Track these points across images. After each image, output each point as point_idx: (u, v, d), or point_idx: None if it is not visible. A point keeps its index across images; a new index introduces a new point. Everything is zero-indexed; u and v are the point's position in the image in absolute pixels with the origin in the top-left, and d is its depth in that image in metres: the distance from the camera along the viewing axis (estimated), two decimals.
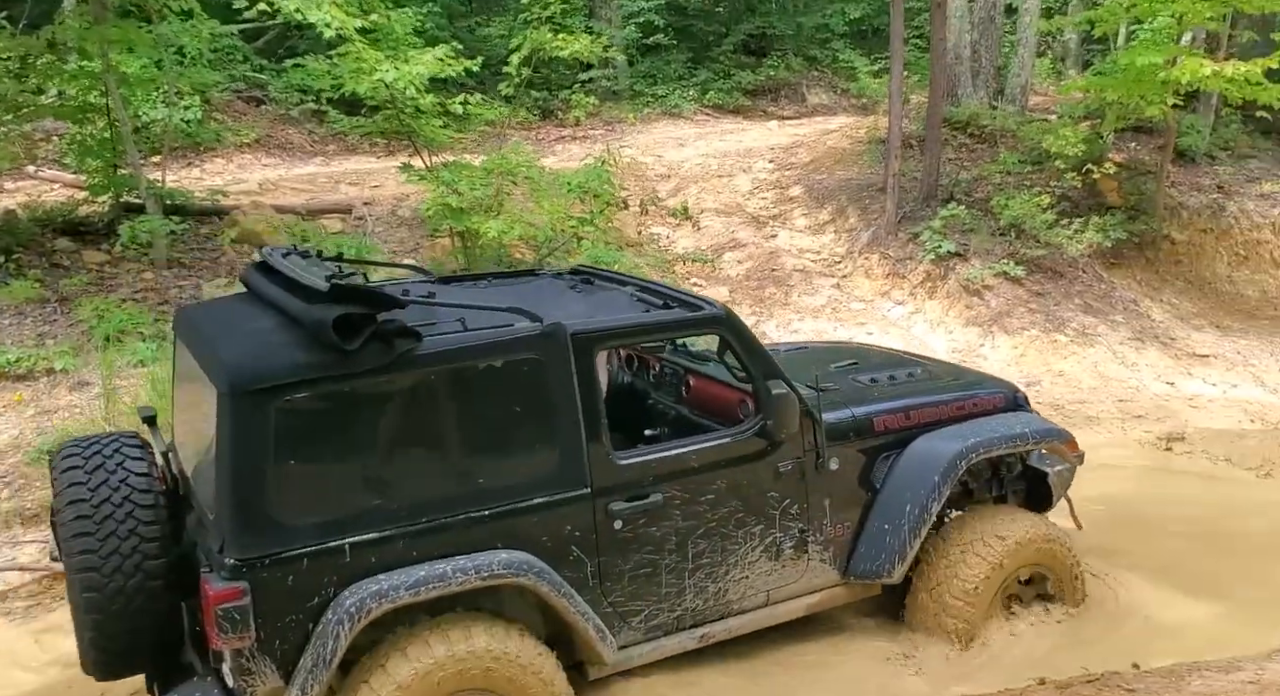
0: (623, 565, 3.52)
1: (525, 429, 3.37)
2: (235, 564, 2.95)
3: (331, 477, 3.11)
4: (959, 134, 12.10)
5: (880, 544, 3.93)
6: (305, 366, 3.05)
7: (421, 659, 3.14)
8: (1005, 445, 4.14)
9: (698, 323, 3.82)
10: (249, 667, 3.00)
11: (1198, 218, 11.07)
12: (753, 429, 3.73)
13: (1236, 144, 12.66)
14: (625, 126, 14.87)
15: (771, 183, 11.89)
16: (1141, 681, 3.19)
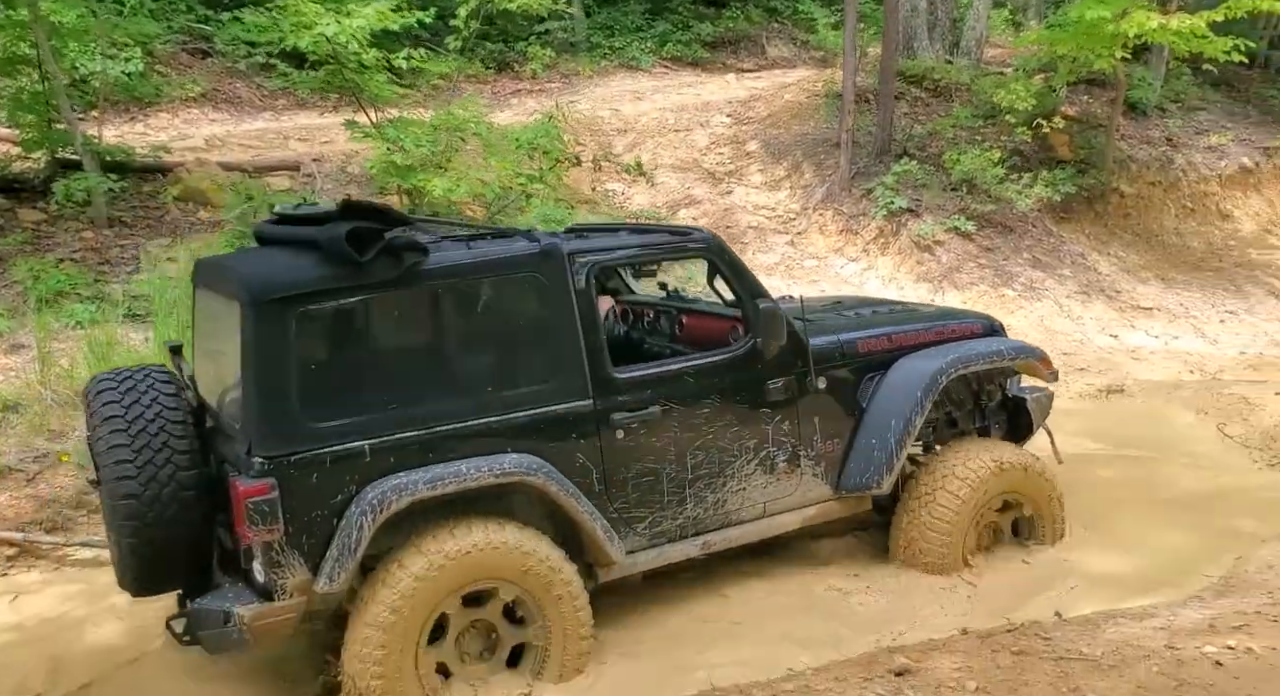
0: (626, 473, 3.74)
1: (529, 342, 3.60)
2: (262, 462, 3.15)
3: (349, 384, 3.30)
4: (914, 88, 12.08)
5: (869, 458, 4.14)
6: (320, 278, 3.27)
7: (445, 547, 3.32)
8: (983, 361, 4.34)
9: (685, 247, 4.06)
10: (278, 560, 3.19)
11: (1147, 170, 11.22)
12: (744, 347, 3.97)
13: (1186, 96, 12.78)
14: (582, 79, 14.65)
15: (729, 137, 11.82)
16: (1059, 630, 3.32)
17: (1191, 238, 11.02)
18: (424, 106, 9.16)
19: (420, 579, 3.28)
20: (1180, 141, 11.86)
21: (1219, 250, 10.97)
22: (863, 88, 11.64)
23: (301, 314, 3.23)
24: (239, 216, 7.58)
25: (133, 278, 7.03)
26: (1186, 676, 2.85)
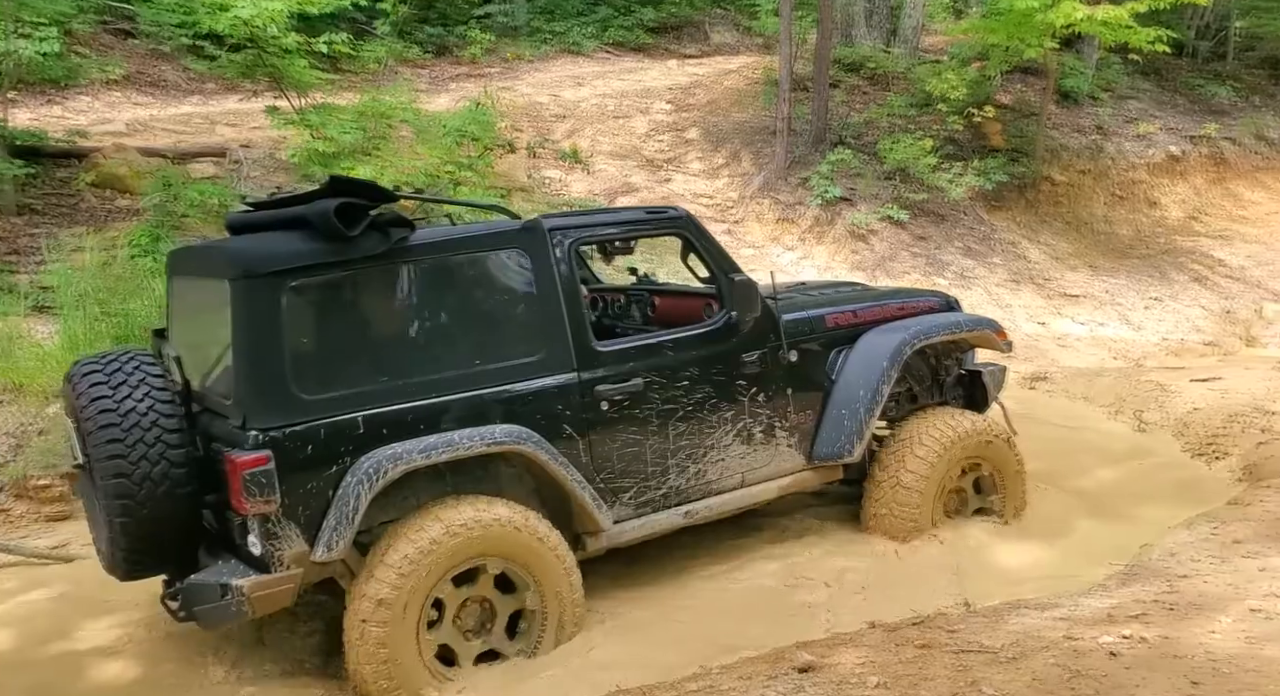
0: (611, 444, 3.85)
1: (513, 315, 3.70)
2: (258, 434, 3.22)
3: (340, 357, 3.39)
4: (853, 76, 12.13)
5: (840, 427, 4.32)
6: (309, 252, 3.35)
7: (438, 526, 3.38)
8: (943, 332, 4.56)
9: (660, 223, 4.21)
10: (275, 532, 3.25)
11: (1078, 159, 11.41)
12: (719, 320, 4.13)
13: (1117, 85, 13.02)
14: (523, 64, 14.46)
15: (669, 124, 11.76)
16: (964, 622, 3.35)
17: (1120, 225, 11.24)
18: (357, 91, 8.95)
19: (416, 560, 3.33)
20: (1110, 130, 12.09)
21: (1146, 237, 11.21)
22: (802, 75, 11.65)
23: (291, 288, 3.30)
24: (157, 205, 7.33)
25: (41, 268, 6.77)
26: (1081, 667, 2.89)
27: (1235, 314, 9.49)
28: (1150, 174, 11.84)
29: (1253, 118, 13.24)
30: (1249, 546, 3.77)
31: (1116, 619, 3.27)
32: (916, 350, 4.44)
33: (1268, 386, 6.04)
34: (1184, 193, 12.04)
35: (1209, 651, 2.95)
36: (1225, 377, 6.26)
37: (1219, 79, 13.69)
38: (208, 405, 3.52)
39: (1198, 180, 12.19)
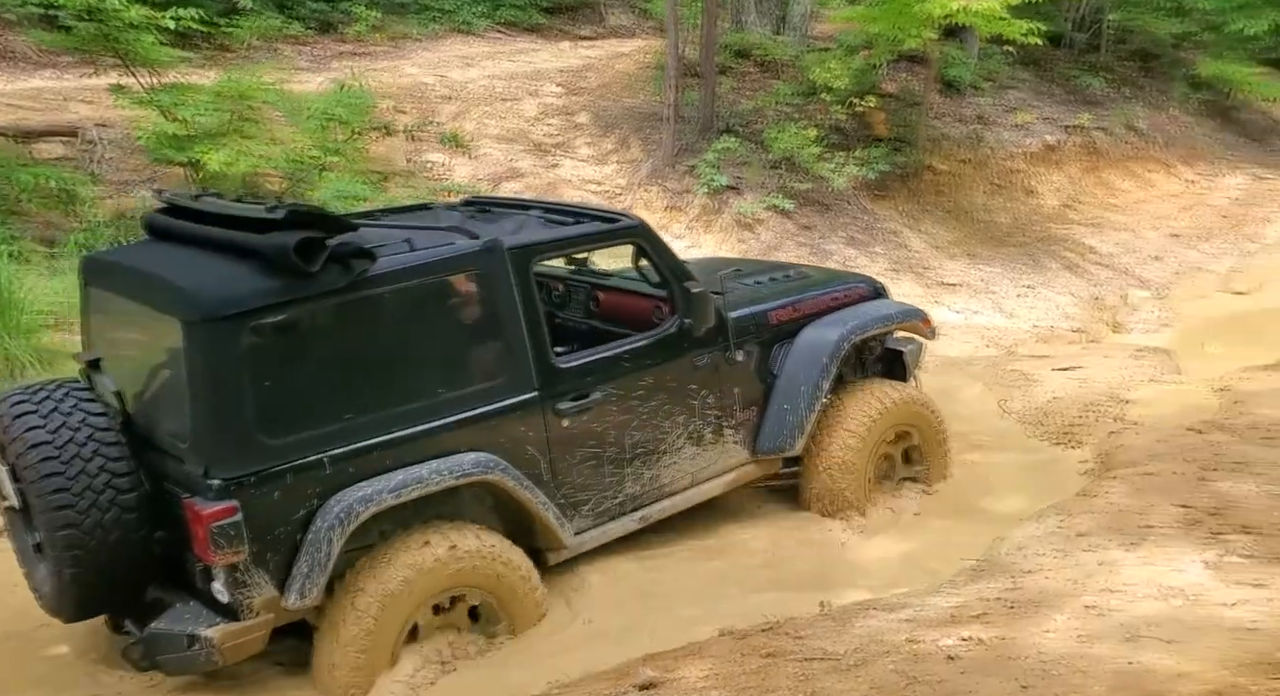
0: (571, 459, 3.89)
1: (476, 339, 3.69)
2: (223, 483, 3.11)
3: (304, 397, 3.30)
4: (744, 63, 12.12)
5: (782, 422, 4.46)
6: (270, 291, 3.21)
7: (412, 563, 3.38)
8: (878, 325, 4.77)
9: (617, 233, 4.19)
10: (244, 580, 3.19)
11: (959, 148, 11.68)
12: (674, 327, 4.16)
13: (999, 75, 13.37)
14: (411, 43, 13.99)
15: (559, 108, 11.54)
16: (812, 627, 3.33)
17: (999, 213, 11.56)
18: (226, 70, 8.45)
19: (393, 594, 3.34)
20: (991, 119, 12.41)
21: (1024, 225, 11.56)
22: (692, 61, 11.57)
23: (252, 329, 3.18)
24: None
25: None
26: (919, 673, 2.89)
27: (1103, 300, 9.87)
28: (1028, 163, 12.22)
29: (1124, 108, 13.80)
30: (1092, 539, 3.86)
31: (959, 619, 3.29)
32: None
33: (1124, 374, 6.26)
34: (1060, 181, 12.48)
35: (1041, 652, 2.98)
36: (1085, 366, 6.47)
37: (1093, 70, 14.21)
38: (154, 442, 3.37)
39: (1073, 169, 12.64)
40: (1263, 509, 3.94)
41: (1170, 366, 6.80)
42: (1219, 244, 11.90)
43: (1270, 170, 14.32)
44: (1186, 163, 13.83)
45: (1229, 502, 4.03)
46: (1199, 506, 4.02)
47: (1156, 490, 4.24)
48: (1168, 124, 14.32)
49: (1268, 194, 13.23)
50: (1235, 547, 3.62)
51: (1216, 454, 4.59)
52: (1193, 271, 11.15)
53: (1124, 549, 3.73)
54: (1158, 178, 13.30)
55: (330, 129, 7.33)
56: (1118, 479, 4.49)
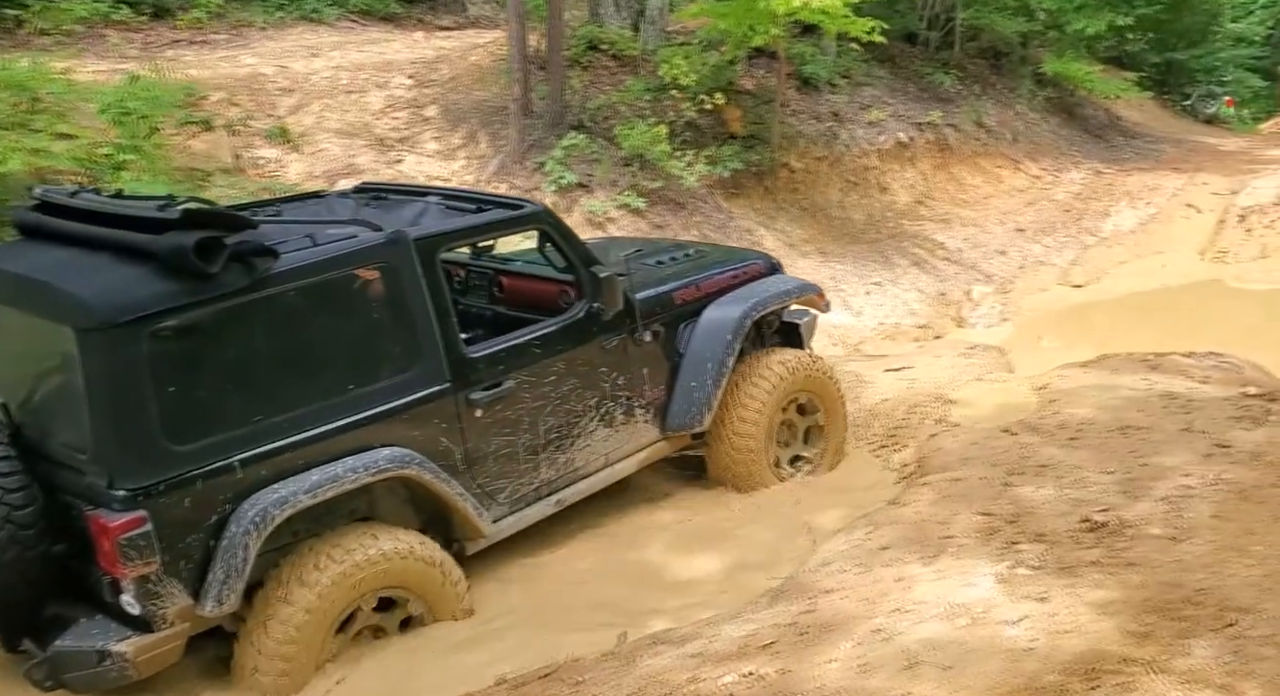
0: (486, 448, 3.90)
1: (384, 333, 3.63)
2: (129, 494, 3.03)
3: (210, 400, 3.23)
4: (600, 57, 11.90)
5: (690, 399, 4.58)
6: (168, 294, 3.12)
7: (332, 569, 3.34)
8: (778, 301, 4.98)
9: (522, 220, 4.19)
10: (156, 591, 3.11)
11: (814, 145, 11.77)
12: (582, 311, 4.19)
13: (855, 73, 13.56)
14: (255, 32, 13.23)
15: (407, 101, 11.05)
16: (594, 669, 3.14)
17: (854, 211, 11.72)
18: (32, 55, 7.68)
19: (317, 599, 3.30)
20: (846, 117, 12.57)
21: (878, 222, 11.75)
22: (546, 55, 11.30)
23: (151, 335, 3.09)
24: None
25: None
26: None
27: (949, 296, 10.11)
28: (881, 160, 12.43)
29: (974, 105, 14.23)
30: (893, 552, 3.80)
31: (747, 651, 3.16)
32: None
33: (951, 374, 6.32)
34: (912, 178, 12.75)
35: (820, 686, 2.87)
36: (916, 366, 6.51)
37: (946, 68, 14.59)
38: (47, 454, 3.26)
39: (925, 165, 12.95)
40: (1058, 515, 3.96)
41: (1000, 363, 6.93)
42: (1060, 237, 12.38)
43: (1109, 165, 15.04)
44: (1033, 158, 14.37)
45: (1028, 509, 4.04)
46: (999, 513, 4.01)
47: (961, 497, 4.22)
48: (1015, 120, 14.86)
49: (1106, 188, 13.87)
50: (1026, 558, 3.60)
51: (1023, 456, 4.62)
52: (1035, 265, 11.56)
53: (922, 562, 3.68)
54: (1005, 173, 13.77)
55: (131, 123, 6.72)
56: (928, 486, 4.47)
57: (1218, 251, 11.96)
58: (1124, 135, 16.91)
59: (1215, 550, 3.55)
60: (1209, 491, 4.04)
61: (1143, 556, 3.56)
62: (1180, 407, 5.10)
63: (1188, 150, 16.42)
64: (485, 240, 4.40)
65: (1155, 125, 18.47)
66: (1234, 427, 4.78)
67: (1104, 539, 3.73)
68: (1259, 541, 3.58)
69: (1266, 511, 3.83)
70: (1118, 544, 3.68)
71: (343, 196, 4.59)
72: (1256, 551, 3.50)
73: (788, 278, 5.30)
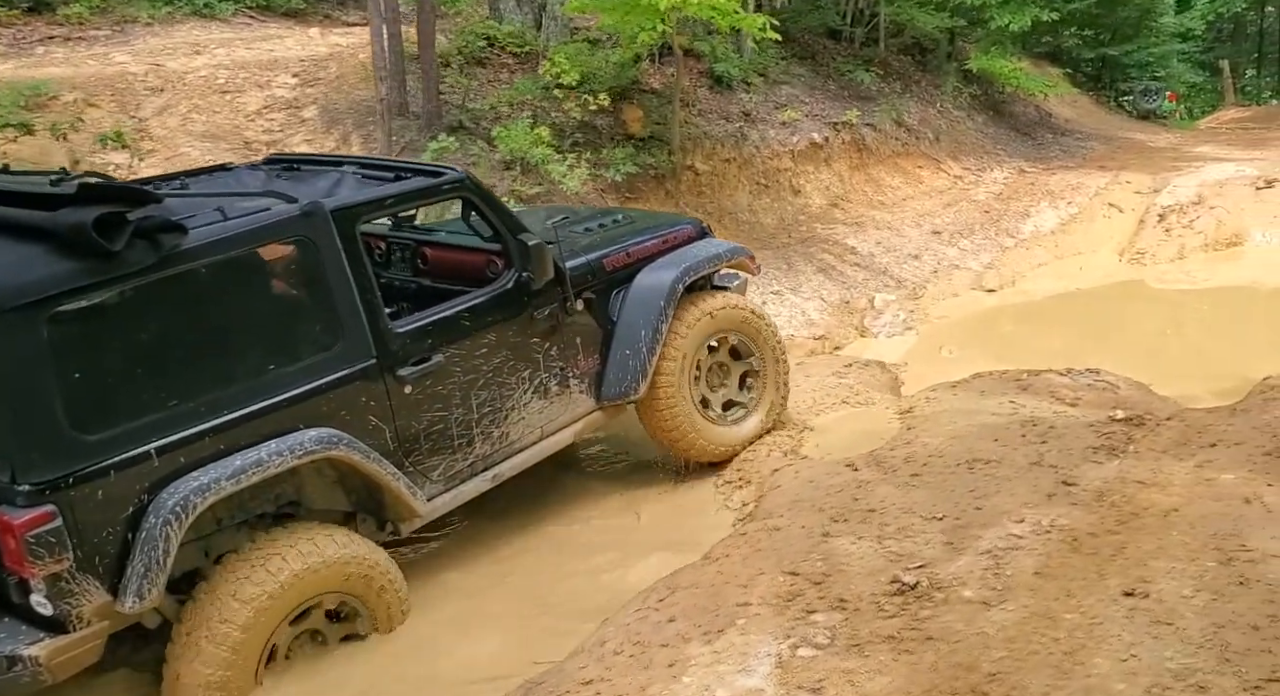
0: (418, 426, 3.81)
1: (304, 310, 3.55)
2: (33, 489, 2.90)
3: (119, 386, 3.10)
4: (502, 53, 11.37)
5: (625, 367, 4.53)
6: (67, 275, 2.97)
7: (270, 578, 3.26)
8: (709, 265, 4.94)
9: (443, 187, 4.06)
10: (70, 589, 2.99)
11: (721, 147, 11.31)
12: (511, 281, 4.11)
13: (772, 71, 13.12)
14: (140, 27, 12.50)
15: (288, 101, 10.45)
16: None
17: (764, 214, 11.28)
18: None
19: (248, 621, 3.21)
20: (757, 116, 12.12)
21: (789, 226, 11.33)
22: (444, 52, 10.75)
23: (51, 318, 2.93)
24: None
25: None
26: None
27: (853, 304, 9.70)
28: (794, 161, 12.00)
29: (894, 103, 13.85)
30: (678, 626, 3.34)
31: None
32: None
33: (818, 396, 5.89)
34: (828, 179, 12.35)
35: None
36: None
37: (867, 65, 14.21)
38: None
39: (841, 166, 12.54)
40: (869, 573, 3.52)
41: (878, 382, 6.51)
42: (978, 239, 12.05)
43: (1035, 163, 14.76)
44: (955, 158, 14.04)
45: (839, 566, 3.60)
46: (807, 573, 3.56)
47: (774, 552, 3.77)
48: (938, 119, 14.52)
49: (1028, 188, 13.56)
50: (816, 633, 3.16)
51: (855, 498, 4.18)
52: (949, 269, 11.21)
53: (705, 640, 3.22)
54: (926, 174, 13.42)
55: None
56: (744, 536, 4.02)
57: (1135, 252, 11.70)
58: (1053, 132, 16.67)
59: (1025, 618, 3.13)
60: (1038, 541, 3.62)
61: (945, 628, 3.12)
62: (1038, 436, 4.69)
63: (1116, 147, 16.21)
64: (405, 210, 4.28)
65: (1087, 121, 18.26)
66: (1088, 459, 4.38)
67: (910, 604, 3.29)
68: (1074, 607, 3.16)
69: (1093, 566, 3.42)
70: (923, 611, 3.24)
71: (253, 168, 4.44)
72: (1068, 621, 3.08)
73: (718, 242, 5.27)
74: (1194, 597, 3.15)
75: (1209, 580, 3.25)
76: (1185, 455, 4.39)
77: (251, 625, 3.20)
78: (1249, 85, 27.02)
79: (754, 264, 5.34)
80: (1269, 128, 18.07)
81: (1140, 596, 3.18)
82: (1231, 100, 24.13)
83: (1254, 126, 18.90)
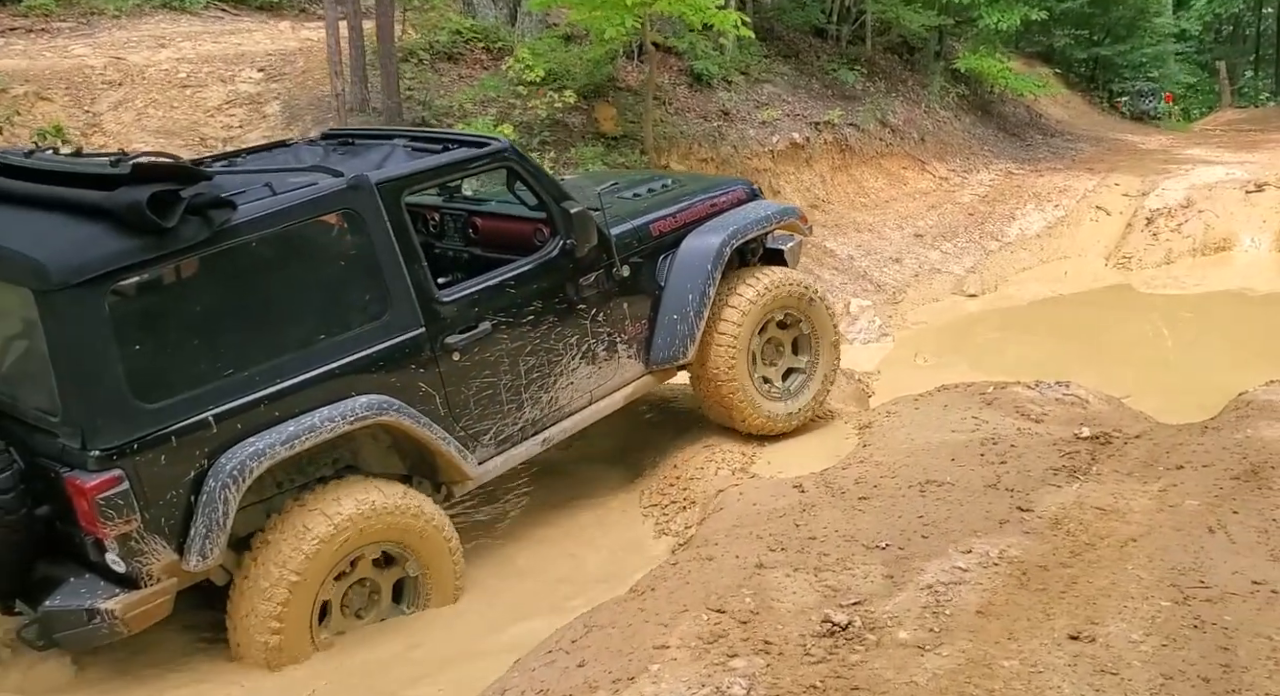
0: (467, 392, 3.92)
1: (352, 280, 3.64)
2: (102, 454, 3.07)
3: (178, 357, 3.25)
4: (474, 49, 11.10)
5: (673, 331, 4.58)
6: (125, 251, 3.12)
7: (323, 526, 3.41)
8: (758, 227, 4.92)
9: (488, 158, 4.10)
10: (139, 548, 3.18)
11: (699, 146, 11.04)
12: (556, 249, 4.17)
13: (754, 69, 12.85)
14: (106, 20, 12.22)
15: (251, 96, 10.19)
16: None
17: None
18: None
19: (303, 566, 3.36)
20: (737, 115, 11.85)
21: None
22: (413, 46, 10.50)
23: (113, 293, 3.12)
24: None
25: None
26: None
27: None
28: (775, 161, 11.73)
29: (878, 102, 13.58)
30: (587, 673, 3.04)
31: None
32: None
33: None
34: (809, 180, 12.08)
35: None
36: None
37: (852, 64, 13.94)
38: (19, 417, 3.32)
39: (822, 167, 12.28)
40: (800, 611, 3.25)
41: (846, 391, 6.25)
42: (961, 242, 11.80)
43: (1023, 165, 14.50)
44: (940, 159, 13.78)
45: (770, 602, 3.33)
46: (735, 610, 3.29)
47: (703, 585, 3.49)
48: (924, 119, 14.25)
49: (1015, 190, 13.31)
50: (735, 681, 2.88)
51: (797, 525, 3.91)
52: (930, 273, 10.96)
53: (612, 689, 2.93)
54: (910, 175, 13.16)
55: None
56: (676, 566, 3.74)
57: (1122, 257, 11.45)
58: (1043, 133, 16.41)
59: (961, 666, 2.86)
60: (984, 575, 3.35)
61: (873, 676, 2.86)
62: (998, 456, 4.43)
63: (1107, 149, 15.96)
64: (451, 180, 4.37)
65: (1079, 123, 18.01)
66: (1046, 482, 4.12)
67: (839, 647, 3.02)
68: (1015, 651, 2.90)
69: (1040, 604, 3.15)
70: (852, 655, 2.97)
71: (310, 143, 4.57)
72: (1005, 669, 2.82)
73: (768, 203, 5.27)
74: (1144, 642, 2.90)
75: (1161, 622, 2.99)
76: (1150, 478, 4.13)
77: (306, 571, 3.35)
78: (1246, 86, 26.77)
79: (806, 223, 5.35)
80: (1264, 130, 17.80)
81: (1086, 640, 2.92)
82: (1228, 101, 23.89)
83: (1249, 128, 18.64)
